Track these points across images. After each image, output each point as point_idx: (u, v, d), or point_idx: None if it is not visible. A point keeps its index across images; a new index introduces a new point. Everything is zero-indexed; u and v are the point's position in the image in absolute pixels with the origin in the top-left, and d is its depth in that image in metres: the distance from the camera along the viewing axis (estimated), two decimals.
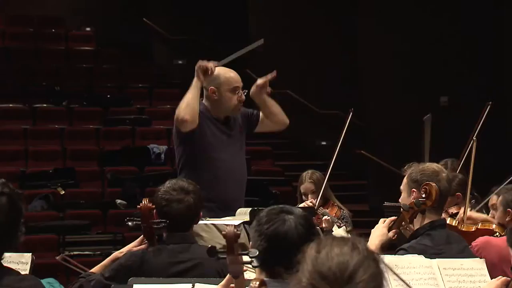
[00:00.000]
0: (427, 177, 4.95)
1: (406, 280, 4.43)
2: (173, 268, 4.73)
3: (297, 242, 3.47)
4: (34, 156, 14.28)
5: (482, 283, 4.47)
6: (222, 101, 6.50)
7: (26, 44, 18.34)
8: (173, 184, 4.93)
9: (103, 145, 14.79)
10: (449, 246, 4.93)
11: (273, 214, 3.57)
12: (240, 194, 6.61)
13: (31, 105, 15.58)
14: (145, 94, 17.07)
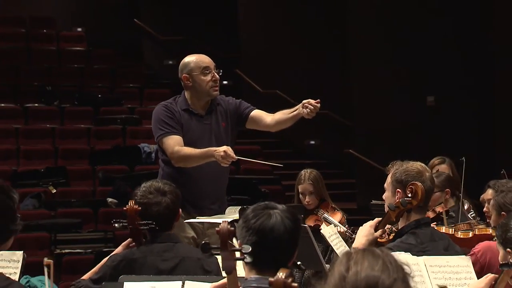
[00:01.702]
0: (411, 178, 4.95)
1: None
2: (159, 266, 4.76)
3: (284, 236, 3.50)
4: (26, 155, 14.26)
5: (468, 279, 4.49)
6: (196, 85, 6.43)
7: (17, 44, 18.28)
8: (148, 187, 4.96)
9: (94, 144, 14.79)
10: (434, 244, 4.94)
11: (259, 209, 3.59)
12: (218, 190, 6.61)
13: (22, 105, 15.56)
14: (135, 94, 17.06)
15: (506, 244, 4.09)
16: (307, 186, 7.43)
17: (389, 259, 2.56)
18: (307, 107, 6.35)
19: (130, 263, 4.79)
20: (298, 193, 7.51)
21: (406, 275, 2.55)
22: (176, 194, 4.94)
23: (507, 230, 4.16)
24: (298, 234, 3.61)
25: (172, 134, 6.26)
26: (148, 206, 4.82)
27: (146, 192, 4.90)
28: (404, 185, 4.94)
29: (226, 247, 3.52)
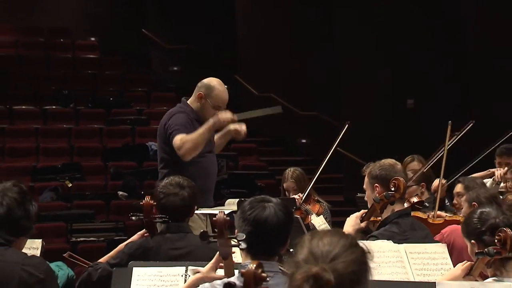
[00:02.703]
0: (386, 171, 5.00)
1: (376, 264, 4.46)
2: (171, 253, 4.77)
3: (277, 226, 3.51)
4: (45, 152, 14.27)
5: (444, 265, 4.49)
6: (203, 109, 6.45)
7: (37, 52, 18.33)
8: (170, 180, 5.03)
9: (106, 143, 14.79)
10: (414, 232, 4.97)
11: (255, 202, 3.60)
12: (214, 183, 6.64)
13: (41, 107, 15.57)
14: (143, 97, 17.06)
15: (469, 237, 4.08)
16: (290, 184, 7.54)
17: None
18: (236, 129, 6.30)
19: (146, 251, 4.83)
20: (284, 189, 7.58)
21: (362, 248, 2.55)
22: (193, 190, 5.00)
23: (468, 224, 4.15)
24: (290, 225, 3.61)
25: (183, 132, 6.23)
26: (167, 196, 4.88)
27: (168, 184, 4.97)
28: (382, 179, 4.98)
29: (222, 235, 3.53)
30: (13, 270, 3.51)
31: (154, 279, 4.31)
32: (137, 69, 18.70)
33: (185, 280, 4.24)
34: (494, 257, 3.86)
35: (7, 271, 3.50)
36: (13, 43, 18.58)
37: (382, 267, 4.44)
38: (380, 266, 4.44)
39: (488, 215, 4.10)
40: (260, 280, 2.60)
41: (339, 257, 2.47)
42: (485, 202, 5.39)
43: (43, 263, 3.70)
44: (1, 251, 3.58)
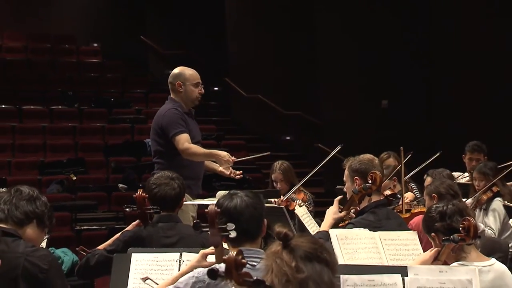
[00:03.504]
0: (364, 165, 5.02)
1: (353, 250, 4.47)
2: (163, 241, 4.77)
3: (246, 210, 3.51)
4: (51, 148, 14.24)
5: (415, 251, 4.50)
6: (187, 93, 6.49)
7: (44, 57, 18.32)
8: (162, 174, 5.07)
9: (108, 140, 14.77)
10: (389, 221, 4.97)
11: (224, 197, 3.62)
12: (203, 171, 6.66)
13: (48, 107, 15.53)
14: (142, 98, 17.06)
15: (429, 232, 4.10)
16: (278, 175, 7.62)
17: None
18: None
19: (139, 239, 4.82)
20: (272, 180, 7.63)
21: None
22: (182, 182, 5.02)
23: (426, 220, 4.17)
24: (260, 208, 3.61)
25: (184, 132, 6.28)
26: (159, 186, 4.89)
27: (159, 177, 4.99)
28: (362, 172, 5.00)
29: (213, 225, 3.52)
30: (18, 260, 3.49)
31: (151, 263, 4.32)
32: (136, 72, 18.70)
33: (179, 265, 4.25)
34: (459, 243, 3.88)
35: (12, 261, 3.47)
36: (22, 49, 18.60)
37: (359, 253, 4.45)
38: (357, 252, 4.44)
39: (437, 207, 4.13)
40: (240, 265, 2.59)
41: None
42: (444, 193, 5.42)
43: (48, 255, 3.66)
44: (8, 242, 3.55)
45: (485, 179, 6.98)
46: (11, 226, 3.64)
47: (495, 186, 6.93)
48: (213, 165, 6.46)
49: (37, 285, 3.47)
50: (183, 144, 6.23)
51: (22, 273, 3.48)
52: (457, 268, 3.70)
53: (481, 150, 8.08)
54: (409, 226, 5.30)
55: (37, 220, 3.74)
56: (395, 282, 3.43)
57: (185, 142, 6.24)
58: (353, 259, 4.36)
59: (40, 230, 3.80)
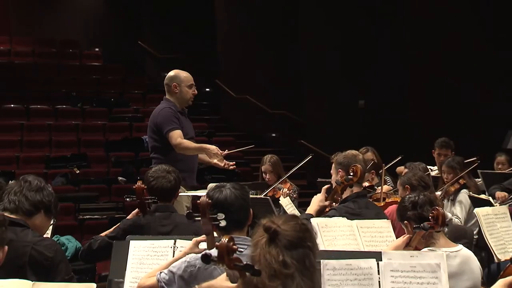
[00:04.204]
0: (348, 160, 5.06)
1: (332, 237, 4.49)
2: (159, 229, 4.78)
3: (236, 201, 3.52)
4: (56, 144, 14.22)
5: (389, 238, 4.52)
6: (182, 94, 6.52)
7: (50, 60, 18.29)
8: (159, 167, 5.06)
9: (108, 136, 14.74)
10: (368, 211, 5.01)
11: (214, 189, 3.62)
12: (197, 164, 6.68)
13: (54, 106, 15.49)
14: (140, 98, 17.05)
15: (402, 220, 4.13)
16: (268, 167, 7.64)
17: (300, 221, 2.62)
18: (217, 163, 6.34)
19: (138, 227, 4.83)
20: (261, 172, 7.65)
21: (311, 241, 2.59)
22: (178, 175, 5.02)
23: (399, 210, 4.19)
24: (247, 199, 3.62)
25: (177, 129, 6.31)
26: (156, 178, 4.89)
27: (157, 170, 4.99)
28: (344, 165, 5.04)
29: (205, 215, 3.53)
30: (25, 249, 3.48)
31: (148, 250, 4.32)
32: (134, 74, 18.67)
33: (173, 251, 4.26)
34: (429, 230, 3.91)
35: (20, 249, 3.46)
36: (30, 53, 18.61)
37: (337, 240, 4.46)
38: (336, 239, 4.46)
39: (409, 197, 4.16)
40: (231, 251, 2.60)
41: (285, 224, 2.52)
42: (415, 184, 5.44)
43: (54, 245, 3.66)
44: (18, 231, 3.54)
45: (453, 172, 7.02)
46: (21, 216, 3.63)
47: (462, 179, 6.98)
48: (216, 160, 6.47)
49: (43, 272, 3.46)
50: (176, 139, 6.25)
51: (29, 261, 3.47)
52: (427, 253, 3.72)
53: (449, 146, 8.12)
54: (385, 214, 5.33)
55: (44, 210, 3.73)
56: (371, 266, 3.44)
57: (178, 138, 6.26)
58: (333, 246, 4.37)
59: (47, 218, 3.80)
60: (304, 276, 2.47)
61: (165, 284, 3.43)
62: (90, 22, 19.59)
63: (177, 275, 3.42)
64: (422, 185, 5.45)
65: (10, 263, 3.34)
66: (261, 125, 15.99)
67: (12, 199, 3.66)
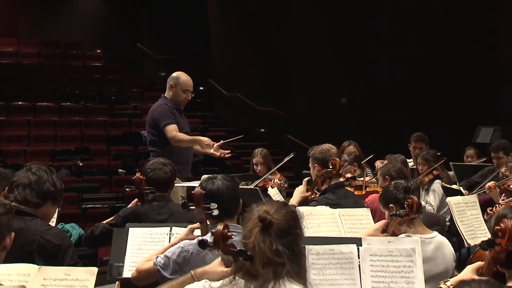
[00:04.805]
0: (323, 154, 5.05)
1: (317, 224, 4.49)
2: (156, 217, 4.77)
3: (227, 192, 3.52)
4: (61, 139, 14.19)
5: (368, 225, 4.52)
6: (175, 95, 6.55)
7: (55, 61, 18.24)
8: (156, 160, 5.05)
9: (109, 131, 14.72)
10: (346, 200, 5.01)
11: (206, 181, 3.61)
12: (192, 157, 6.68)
13: (59, 104, 15.45)
14: (138, 96, 17.02)
15: (387, 203, 4.13)
16: (259, 159, 7.62)
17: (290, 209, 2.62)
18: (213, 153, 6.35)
19: (137, 215, 4.82)
20: (253, 164, 7.64)
21: (296, 223, 2.59)
22: (173, 167, 5.01)
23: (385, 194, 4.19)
24: (237, 190, 3.62)
25: (173, 123, 6.33)
26: (153, 170, 4.88)
27: (154, 162, 4.98)
28: (320, 160, 5.03)
29: (199, 204, 3.53)
30: (34, 237, 3.47)
31: (145, 236, 4.32)
32: (133, 74, 18.64)
33: (169, 237, 4.26)
34: (404, 217, 3.92)
35: (29, 237, 3.46)
36: (36, 54, 18.54)
37: (321, 227, 4.47)
38: (320, 226, 4.46)
39: (400, 183, 4.16)
40: (226, 237, 2.62)
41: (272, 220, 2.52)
42: (394, 176, 5.45)
43: (61, 233, 3.65)
44: (27, 221, 3.53)
45: (427, 164, 7.05)
46: (30, 207, 3.63)
47: (435, 170, 7.00)
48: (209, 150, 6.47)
49: (50, 258, 3.46)
50: (171, 133, 6.28)
51: (37, 248, 3.47)
52: (403, 239, 3.73)
53: (424, 140, 8.14)
54: (365, 203, 5.34)
55: (51, 200, 3.73)
56: (351, 251, 3.45)
57: (173, 131, 6.29)
58: (317, 232, 4.38)
59: (54, 206, 3.80)
60: (293, 263, 2.49)
61: (161, 267, 3.43)
62: (92, 25, 19.54)
63: (171, 260, 3.42)
64: (400, 176, 5.45)
65: (20, 250, 3.34)
66: (251, 121, 15.99)
67: (21, 193, 3.65)
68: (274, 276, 2.44)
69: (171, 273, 3.38)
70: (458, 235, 5.24)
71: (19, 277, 3.00)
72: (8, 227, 2.64)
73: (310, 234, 4.31)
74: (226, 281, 2.54)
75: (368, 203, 5.33)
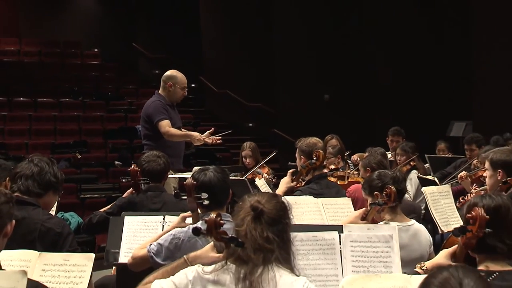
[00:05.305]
0: (310, 147, 5.06)
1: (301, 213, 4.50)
2: (151, 206, 4.77)
3: (218, 183, 3.51)
4: (61, 132, 14.16)
5: (349, 213, 4.52)
6: (174, 93, 6.57)
7: (55, 59, 18.20)
8: (150, 153, 5.05)
9: (106, 126, 14.69)
10: (329, 190, 5.03)
11: (198, 172, 3.60)
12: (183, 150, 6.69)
13: (58, 100, 15.40)
14: (133, 93, 17.00)
15: (371, 192, 4.13)
16: (248, 152, 7.59)
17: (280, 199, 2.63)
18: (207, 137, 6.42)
19: (132, 204, 4.82)
20: (242, 157, 7.62)
21: (285, 213, 2.61)
22: (167, 160, 5.01)
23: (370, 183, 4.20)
24: (227, 181, 3.62)
25: (166, 119, 6.34)
26: (148, 162, 4.88)
27: (149, 155, 4.98)
28: (306, 153, 5.04)
29: (190, 194, 3.52)
30: (36, 225, 3.46)
31: (140, 224, 4.31)
32: (129, 72, 18.60)
33: (162, 225, 4.26)
34: (382, 206, 3.93)
35: (31, 226, 3.45)
36: (37, 53, 18.48)
37: (305, 215, 4.47)
38: (304, 214, 4.47)
39: (386, 174, 4.16)
40: (218, 225, 2.62)
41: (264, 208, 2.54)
42: (375, 167, 5.46)
43: (61, 222, 3.64)
44: (29, 210, 3.51)
45: (406, 155, 7.09)
46: (33, 197, 3.61)
47: (413, 161, 7.04)
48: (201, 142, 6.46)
49: (51, 245, 3.45)
50: (164, 128, 6.30)
51: (39, 235, 3.46)
52: (381, 226, 3.75)
53: (400, 134, 8.17)
54: (347, 192, 5.35)
55: (53, 190, 3.71)
56: (333, 237, 3.45)
57: (166, 126, 6.31)
58: (301, 220, 4.38)
59: (55, 195, 3.78)
60: (281, 249, 2.51)
61: (154, 254, 3.43)
62: (90, 26, 19.50)
63: (164, 247, 3.42)
64: (380, 168, 5.46)
65: (22, 238, 3.33)
66: (240, 116, 15.98)
67: (24, 183, 3.63)
68: (264, 261, 2.46)
69: (163, 259, 3.38)
70: (433, 222, 5.27)
71: (20, 263, 2.99)
72: (9, 215, 2.62)
73: (295, 222, 4.30)
74: (218, 265, 2.55)
75: (350, 192, 5.34)
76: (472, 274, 1.85)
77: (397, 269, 3.39)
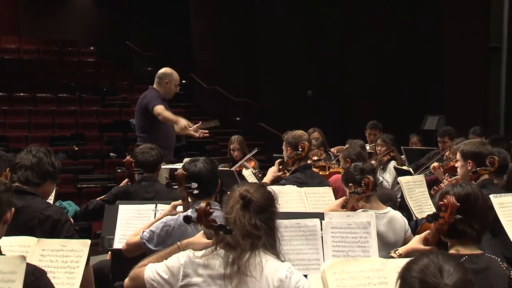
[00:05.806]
0: (296, 139, 5.08)
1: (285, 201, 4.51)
2: (144, 196, 4.77)
3: (207, 174, 3.50)
4: (59, 126, 14.10)
5: (330, 201, 4.55)
6: (169, 89, 6.65)
7: (53, 57, 18.07)
8: (144, 145, 5.07)
9: (101, 120, 14.63)
10: (313, 180, 5.05)
11: (189, 163, 3.60)
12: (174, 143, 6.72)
13: (56, 95, 15.31)
14: (127, 88, 16.94)
15: (348, 182, 4.15)
16: (236, 145, 7.54)
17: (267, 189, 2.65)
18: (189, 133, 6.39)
19: (127, 193, 4.83)
20: (229, 149, 7.59)
21: (273, 202, 2.62)
22: (159, 151, 5.02)
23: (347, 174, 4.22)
24: (216, 171, 3.61)
25: (161, 104, 6.39)
26: (142, 154, 4.89)
27: (143, 147, 4.99)
28: (293, 145, 5.05)
29: (181, 184, 3.52)
30: (35, 214, 3.45)
31: (133, 212, 4.31)
32: (123, 69, 18.51)
33: (155, 213, 4.25)
34: (361, 195, 3.95)
35: (31, 214, 3.44)
36: (36, 51, 18.36)
37: (289, 203, 4.49)
38: (288, 203, 4.49)
39: (358, 165, 4.18)
40: (208, 213, 2.63)
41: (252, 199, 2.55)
42: (354, 158, 5.48)
43: (59, 210, 3.63)
44: (29, 199, 3.50)
45: (385, 146, 7.13)
46: (32, 186, 3.60)
47: (392, 152, 7.08)
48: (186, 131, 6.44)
49: (49, 231, 3.44)
50: (159, 110, 6.31)
51: (38, 223, 3.45)
52: (360, 213, 3.77)
53: (378, 127, 8.20)
54: (329, 182, 5.36)
55: (51, 179, 3.69)
56: (315, 224, 3.47)
57: (161, 109, 6.32)
58: (285, 208, 4.39)
59: (53, 184, 3.77)
60: (268, 236, 2.54)
61: (146, 240, 3.43)
62: (86, 25, 19.40)
63: (156, 233, 3.42)
64: (359, 159, 5.50)
65: (22, 225, 3.32)
66: (227, 110, 15.96)
67: (23, 174, 3.61)
68: (251, 247, 2.48)
69: (155, 245, 3.38)
70: (408, 210, 5.30)
71: (20, 248, 2.99)
72: (8, 203, 2.61)
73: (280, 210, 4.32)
74: (208, 251, 2.56)
75: (331, 182, 5.36)
76: (451, 261, 1.86)
77: (374, 254, 3.42)
